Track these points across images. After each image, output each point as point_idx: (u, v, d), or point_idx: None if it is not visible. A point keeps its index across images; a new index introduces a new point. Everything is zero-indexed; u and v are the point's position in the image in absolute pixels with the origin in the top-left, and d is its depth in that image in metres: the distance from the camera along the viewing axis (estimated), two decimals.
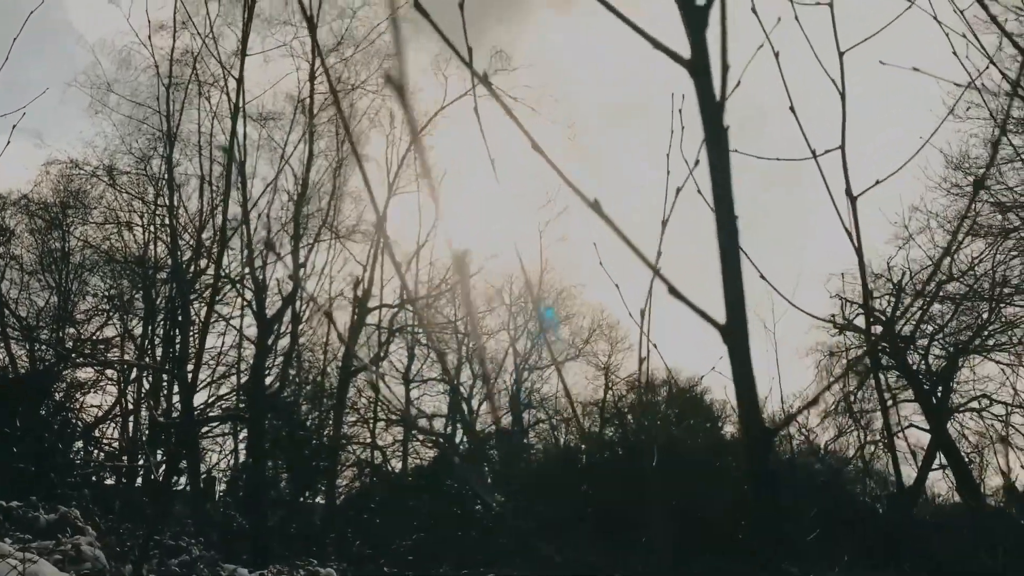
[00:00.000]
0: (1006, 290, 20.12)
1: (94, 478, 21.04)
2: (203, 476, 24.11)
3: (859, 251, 1.83)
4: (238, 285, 23.52)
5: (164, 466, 22.51)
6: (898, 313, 26.55)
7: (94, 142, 41.27)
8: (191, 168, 23.91)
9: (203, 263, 23.88)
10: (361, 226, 25.98)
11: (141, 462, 22.48)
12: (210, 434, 25.72)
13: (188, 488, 22.07)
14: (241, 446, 25.49)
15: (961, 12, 2.63)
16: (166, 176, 22.89)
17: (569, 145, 29.91)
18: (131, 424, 24.39)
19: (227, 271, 23.46)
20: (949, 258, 22.46)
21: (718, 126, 1.19)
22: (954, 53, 2.65)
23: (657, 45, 1.29)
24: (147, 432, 23.79)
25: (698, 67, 1.22)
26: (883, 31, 1.99)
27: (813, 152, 1.77)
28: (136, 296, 24.80)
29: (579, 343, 32.52)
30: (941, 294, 23.32)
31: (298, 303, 23.48)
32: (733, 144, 1.25)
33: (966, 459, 24.98)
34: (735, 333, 1.06)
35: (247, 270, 22.76)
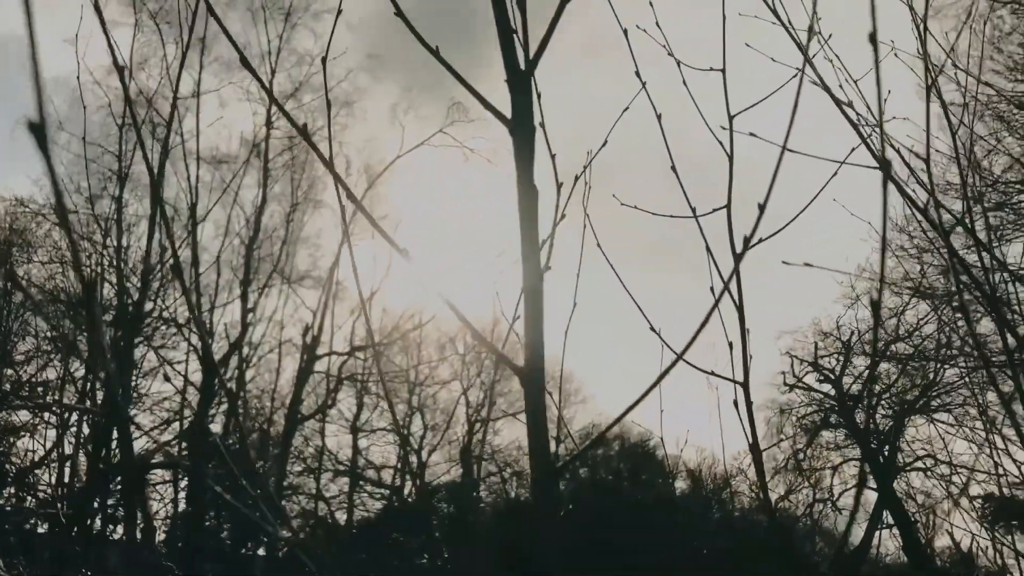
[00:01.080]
0: (950, 352, 20.41)
1: (27, 525, 20.31)
2: (141, 525, 23.37)
3: (740, 308, 1.78)
4: (184, 329, 23.10)
5: (100, 514, 21.80)
6: (846, 372, 26.82)
7: (41, 180, 40.61)
8: (141, 209, 23.61)
9: (149, 306, 23.44)
10: (313, 272, 25.78)
11: (76, 510, 21.74)
12: (151, 481, 24.99)
13: (125, 537, 21.38)
14: (182, 494, 24.80)
15: (855, 82, 2.65)
16: (115, 216, 22.56)
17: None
18: (68, 470, 23.62)
19: (174, 314, 23.05)
20: (895, 319, 22.80)
21: (528, 183, 1.16)
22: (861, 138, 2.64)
23: (483, 102, 1.26)
24: (85, 478, 23.04)
25: (516, 127, 1.20)
26: (770, 96, 1.97)
27: (693, 210, 1.75)
28: (79, 338, 24.20)
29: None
30: (888, 354, 23.61)
31: (245, 349, 23.11)
32: (635, 200, 1.21)
33: (913, 519, 25.13)
34: (531, 378, 1.02)
35: (194, 314, 22.38)
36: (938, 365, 22.31)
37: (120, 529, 22.04)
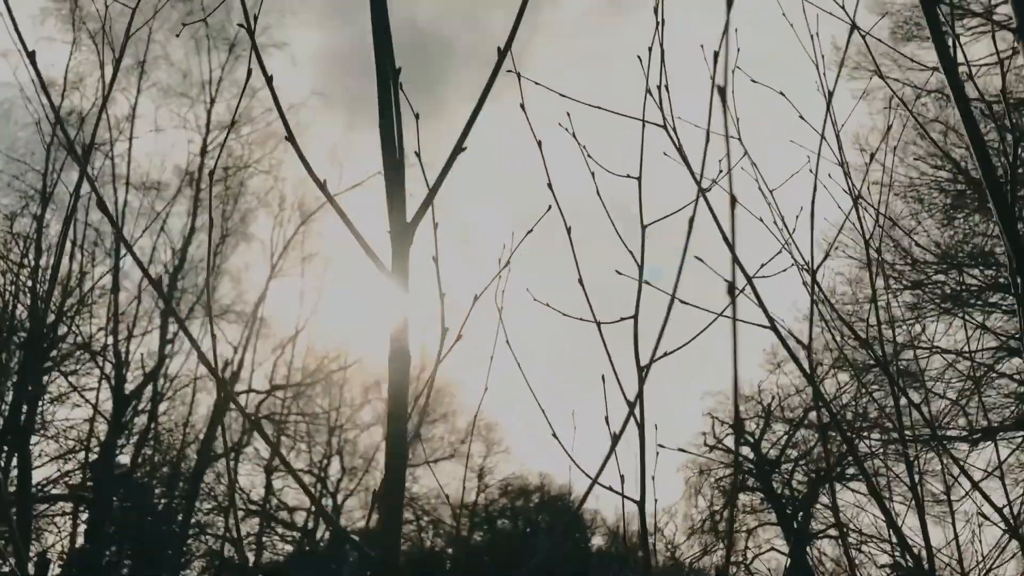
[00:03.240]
0: (865, 423, 20.90)
1: None
2: (34, 559, 22.22)
3: (641, 428, 1.81)
4: (98, 356, 22.31)
5: None
6: (765, 436, 27.25)
7: None
8: (61, 231, 22.88)
9: (63, 330, 22.60)
10: (236, 306, 25.24)
11: None
12: (48, 512, 23.85)
13: (16, 573, 20.26)
14: (81, 528, 23.70)
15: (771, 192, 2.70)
16: (34, 236, 21.82)
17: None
18: None
19: (89, 340, 22.26)
20: (813, 387, 23.30)
21: (402, 350, 1.15)
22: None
23: (367, 250, 1.27)
24: None
25: (397, 279, 1.21)
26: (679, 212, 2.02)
27: (597, 322, 1.77)
28: None
29: (456, 442, 32.04)
30: (806, 421, 24.08)
31: (161, 380, 22.40)
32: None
33: None
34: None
35: (110, 341, 21.66)
36: (853, 435, 22.80)
37: (7, 563, 20.91)
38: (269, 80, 1.54)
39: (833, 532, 25.42)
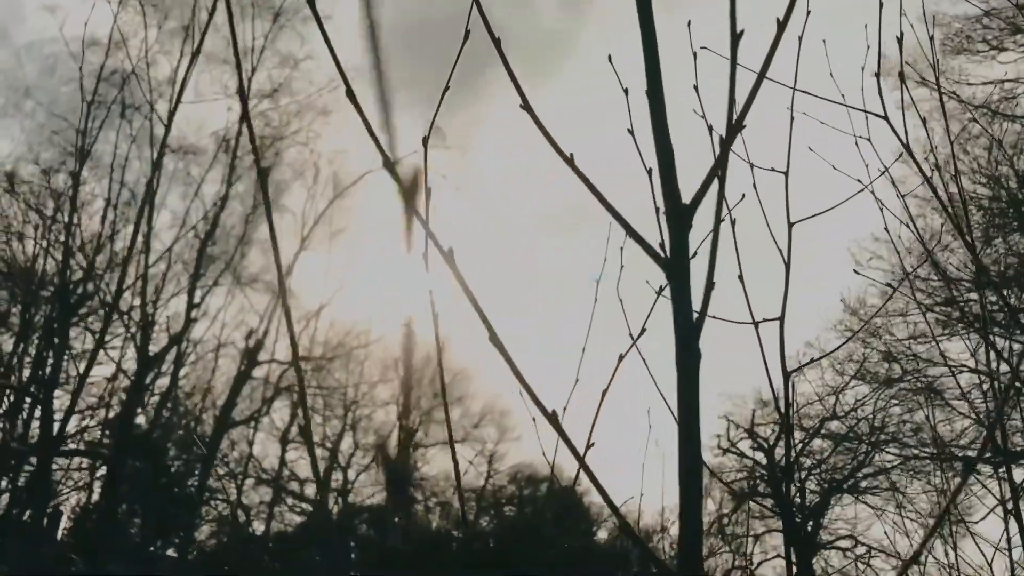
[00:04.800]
0: (882, 436, 20.82)
1: None
2: (50, 511, 22.56)
3: (786, 420, 1.78)
4: (125, 316, 22.54)
5: (8, 495, 21.03)
6: (779, 443, 27.14)
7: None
8: (98, 189, 23.10)
9: (92, 287, 22.85)
10: (265, 276, 25.39)
11: None
12: (65, 467, 24.19)
13: (31, 522, 20.61)
14: (96, 484, 24.02)
15: (903, 196, 2.71)
16: (70, 192, 22.04)
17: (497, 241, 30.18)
18: None
19: (117, 300, 22.49)
20: (834, 397, 23.18)
21: (691, 345, 1.08)
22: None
23: (635, 236, 1.20)
24: None
25: (675, 270, 1.11)
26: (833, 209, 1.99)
27: (754, 321, 1.73)
28: (13, 311, 23.47)
29: (468, 426, 32.14)
30: (823, 431, 23.95)
31: (185, 344, 22.61)
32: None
33: None
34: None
35: (137, 301, 21.89)
36: (869, 448, 22.69)
37: (25, 513, 21.27)
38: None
39: (842, 544, 25.32)
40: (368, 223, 34.63)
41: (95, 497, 23.59)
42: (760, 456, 27.77)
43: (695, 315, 1.16)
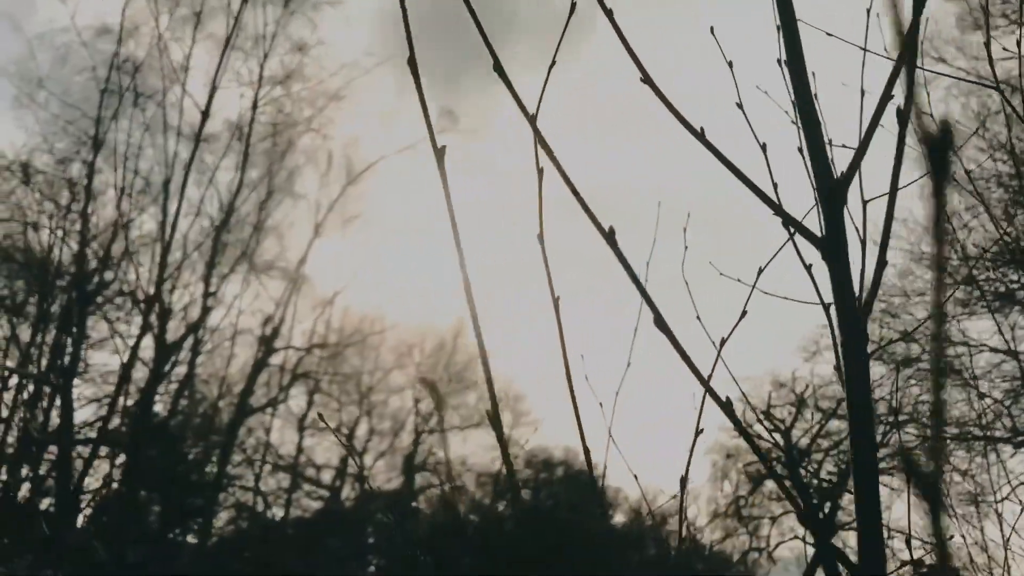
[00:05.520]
0: (900, 417, 20.64)
1: None
2: (68, 500, 22.76)
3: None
4: (142, 304, 22.64)
5: (29, 483, 21.22)
6: (796, 425, 27.05)
7: (13, 136, 39.82)
8: (112, 177, 23.17)
9: (109, 276, 22.97)
10: (280, 263, 25.44)
11: (4, 475, 21.14)
12: (83, 455, 24.39)
13: (52, 510, 20.82)
14: (115, 471, 24.21)
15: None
16: (85, 181, 22.13)
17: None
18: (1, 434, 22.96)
19: (133, 288, 22.63)
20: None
21: (857, 333, 1.03)
22: None
23: (784, 215, 1.14)
24: (17, 444, 22.41)
25: (832, 250, 1.06)
26: None
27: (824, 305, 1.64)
28: (30, 300, 23.61)
29: (483, 411, 32.17)
30: (839, 412, 23.83)
31: (202, 332, 22.70)
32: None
33: None
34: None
35: (154, 289, 21.97)
36: (888, 428, 22.55)
37: (47, 502, 21.49)
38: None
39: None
40: (390, 209, 34.59)
41: (114, 485, 23.81)
42: (778, 437, 27.71)
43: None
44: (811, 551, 26.51)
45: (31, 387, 23.29)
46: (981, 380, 13.45)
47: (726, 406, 1.20)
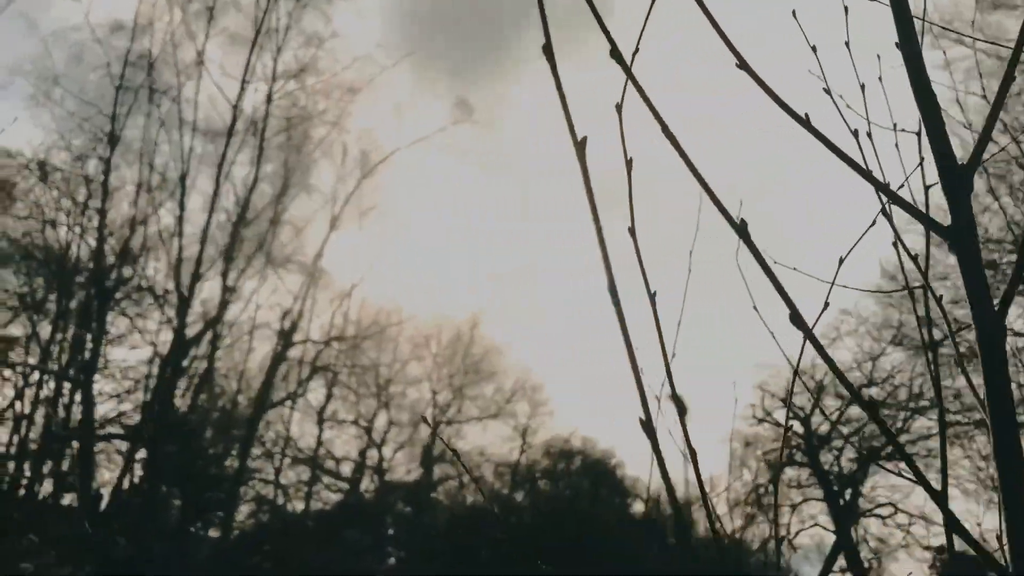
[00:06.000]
0: (922, 403, 20.54)
1: None
2: (90, 494, 22.92)
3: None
4: (160, 299, 22.75)
5: (53, 479, 21.38)
6: (816, 412, 26.90)
7: (30, 134, 40.05)
8: (129, 174, 23.25)
9: (127, 272, 23.08)
10: (297, 257, 25.48)
11: (27, 472, 21.29)
12: (104, 450, 24.56)
13: (75, 505, 20.98)
14: (136, 466, 24.36)
15: None
16: (101, 178, 22.22)
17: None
18: (23, 430, 23.13)
19: (152, 284, 22.72)
20: (871, 362, 22.91)
21: (994, 323, 0.98)
22: None
23: (904, 205, 1.10)
24: (39, 440, 22.58)
25: (961, 238, 1.01)
26: None
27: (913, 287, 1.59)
28: (49, 297, 23.75)
29: (501, 401, 32.21)
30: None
31: (221, 327, 22.78)
32: None
33: (866, 564, 25.21)
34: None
35: (172, 285, 22.06)
36: (908, 414, 22.42)
37: (68, 497, 21.67)
38: None
39: (881, 512, 25.10)
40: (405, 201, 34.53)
41: (135, 479, 23.96)
42: (796, 425, 27.60)
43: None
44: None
45: (52, 384, 23.46)
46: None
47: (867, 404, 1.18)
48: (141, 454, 23.38)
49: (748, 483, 29.12)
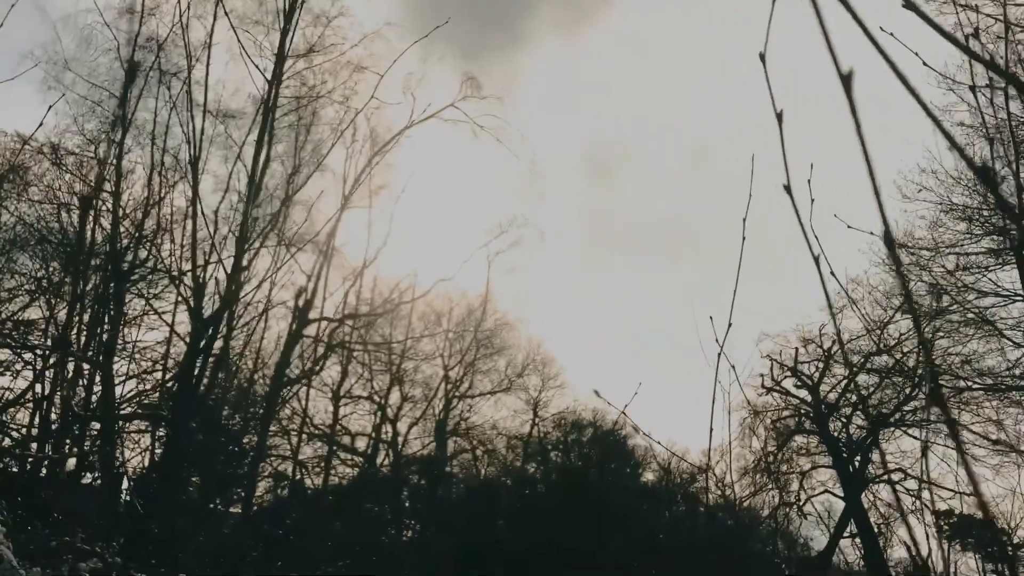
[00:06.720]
0: (929, 369, 20.74)
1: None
2: (113, 473, 23.28)
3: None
4: (176, 280, 22.99)
5: (75, 459, 21.73)
6: (824, 380, 27.19)
7: (43, 118, 40.02)
8: (141, 156, 23.42)
9: (142, 253, 23.30)
10: (310, 236, 25.65)
11: (50, 452, 21.63)
12: (125, 430, 24.89)
13: (97, 484, 21.32)
14: (157, 445, 24.72)
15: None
16: (114, 161, 22.36)
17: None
18: (44, 412, 23.47)
19: (167, 265, 22.94)
20: (879, 331, 23.18)
21: None
22: None
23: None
24: (61, 421, 22.92)
25: None
26: None
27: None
28: (66, 280, 24.00)
29: (512, 375, 32.56)
30: (868, 366, 23.98)
31: (236, 306, 23.01)
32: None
33: (875, 529, 25.62)
34: None
35: (188, 266, 22.29)
36: (916, 381, 22.68)
37: (91, 476, 22.01)
38: None
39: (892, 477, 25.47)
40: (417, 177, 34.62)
41: (156, 458, 24.32)
42: (804, 394, 27.90)
43: None
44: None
45: (71, 366, 23.76)
46: (1014, 331, 13.58)
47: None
48: (161, 432, 23.75)
49: (756, 451, 29.52)
